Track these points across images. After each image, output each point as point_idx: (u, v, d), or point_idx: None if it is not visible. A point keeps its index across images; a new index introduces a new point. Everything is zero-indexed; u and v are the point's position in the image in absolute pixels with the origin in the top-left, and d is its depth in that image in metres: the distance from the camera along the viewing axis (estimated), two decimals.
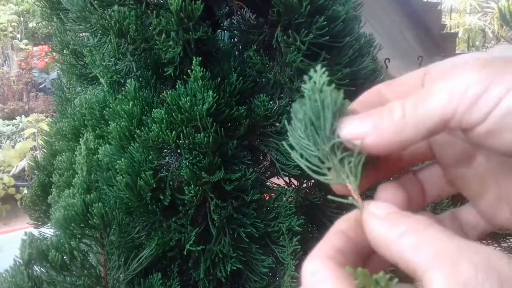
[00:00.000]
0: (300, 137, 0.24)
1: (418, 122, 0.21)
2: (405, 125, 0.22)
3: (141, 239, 0.73)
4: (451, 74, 0.21)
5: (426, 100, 0.21)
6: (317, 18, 0.71)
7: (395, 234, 0.20)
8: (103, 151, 0.71)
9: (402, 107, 0.22)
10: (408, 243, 0.20)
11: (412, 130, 0.22)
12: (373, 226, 0.22)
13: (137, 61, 0.76)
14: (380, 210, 0.22)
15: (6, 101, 4.51)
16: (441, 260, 0.18)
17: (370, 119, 0.23)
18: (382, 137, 0.22)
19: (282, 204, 0.76)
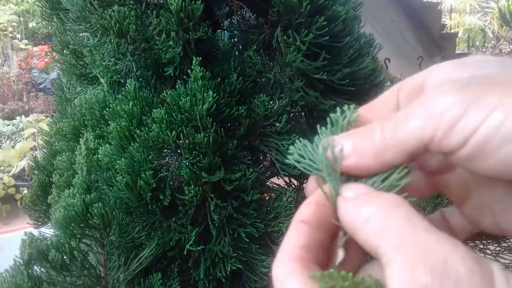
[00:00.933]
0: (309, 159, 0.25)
1: (397, 146, 0.21)
2: (385, 148, 0.22)
3: (141, 239, 0.73)
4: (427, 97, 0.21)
5: (404, 123, 0.21)
6: (317, 18, 0.71)
7: (361, 218, 0.20)
8: (103, 151, 0.71)
9: (382, 129, 0.22)
10: (372, 229, 0.20)
11: (392, 153, 0.22)
12: (343, 210, 0.22)
13: (137, 61, 0.76)
14: (351, 191, 0.22)
15: (6, 101, 4.51)
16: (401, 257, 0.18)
17: (350, 139, 0.23)
18: (362, 159, 0.22)
19: (282, 204, 0.76)
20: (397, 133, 0.21)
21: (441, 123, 0.20)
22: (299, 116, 0.84)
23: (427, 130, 0.20)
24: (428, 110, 0.21)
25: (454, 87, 0.21)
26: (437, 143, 0.20)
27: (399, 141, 0.21)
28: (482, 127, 0.19)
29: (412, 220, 0.19)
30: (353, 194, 0.22)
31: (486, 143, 0.19)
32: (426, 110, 0.21)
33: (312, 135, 0.25)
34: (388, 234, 0.19)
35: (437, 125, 0.20)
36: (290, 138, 0.75)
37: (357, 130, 0.23)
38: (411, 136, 0.21)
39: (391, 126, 0.22)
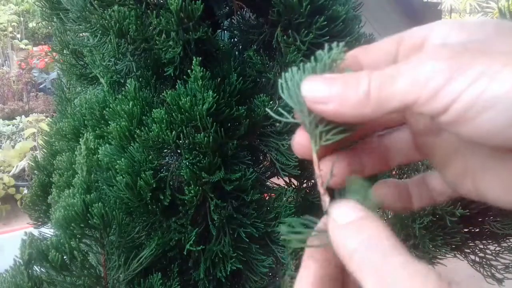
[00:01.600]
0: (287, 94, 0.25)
1: (380, 102, 0.22)
2: (367, 101, 0.22)
3: (141, 239, 0.73)
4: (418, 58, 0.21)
5: (391, 82, 0.21)
6: (317, 18, 0.71)
7: (349, 250, 0.21)
8: (103, 151, 0.71)
9: (368, 81, 0.22)
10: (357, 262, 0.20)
11: (373, 107, 0.22)
12: (335, 237, 0.22)
13: (137, 61, 0.76)
14: (342, 216, 0.22)
15: (6, 101, 4.50)
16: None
17: (335, 84, 0.23)
18: (343, 108, 0.22)
19: (282, 204, 0.76)
20: (381, 90, 0.22)
21: (426, 88, 0.20)
22: None
23: (411, 93, 0.21)
24: (415, 73, 0.21)
25: (444, 54, 0.21)
26: (419, 107, 0.21)
27: (382, 98, 0.22)
28: (464, 94, 0.20)
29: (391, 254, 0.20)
30: (344, 220, 0.22)
31: (467, 110, 0.20)
32: (413, 72, 0.21)
33: None
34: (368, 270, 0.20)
35: (421, 90, 0.20)
36: (290, 138, 0.75)
37: (343, 77, 0.23)
38: (394, 96, 0.21)
39: (378, 82, 0.22)
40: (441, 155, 0.27)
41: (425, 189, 0.29)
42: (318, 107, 0.23)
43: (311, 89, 0.23)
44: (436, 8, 4.77)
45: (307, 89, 0.23)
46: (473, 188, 0.25)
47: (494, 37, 0.22)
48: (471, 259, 0.90)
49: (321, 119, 0.24)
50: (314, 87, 0.23)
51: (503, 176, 0.23)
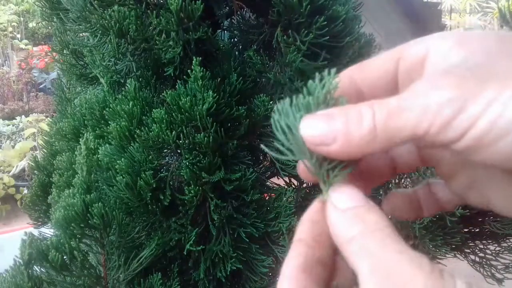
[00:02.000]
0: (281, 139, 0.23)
1: (388, 135, 0.21)
2: (374, 136, 0.21)
3: (141, 239, 0.73)
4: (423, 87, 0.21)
5: (398, 113, 0.21)
6: (317, 18, 0.71)
7: (347, 237, 0.21)
8: (103, 151, 0.71)
9: (372, 115, 0.21)
10: (354, 249, 0.20)
11: (381, 141, 0.21)
12: (333, 221, 0.22)
13: (137, 61, 0.76)
14: (342, 202, 0.22)
15: (6, 101, 4.50)
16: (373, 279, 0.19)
17: (335, 122, 0.22)
18: (348, 146, 0.21)
19: (282, 204, 0.76)
20: (389, 123, 0.21)
21: (438, 118, 0.20)
22: None
23: (422, 124, 0.20)
24: (424, 103, 0.20)
25: (451, 81, 0.20)
26: (431, 137, 0.20)
27: (391, 131, 0.21)
28: (479, 121, 0.19)
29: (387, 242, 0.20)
30: (344, 205, 0.22)
31: (483, 137, 0.19)
32: (422, 102, 0.20)
33: None
34: (365, 257, 0.20)
35: (433, 120, 0.20)
36: None
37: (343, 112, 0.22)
38: (404, 129, 0.21)
39: (383, 115, 0.21)
40: (446, 167, 0.26)
41: (433, 198, 0.29)
42: (322, 149, 0.22)
43: (311, 131, 0.22)
44: (436, 8, 4.77)
45: (307, 131, 0.22)
46: (481, 199, 0.25)
47: (496, 55, 0.21)
48: (471, 259, 0.90)
49: (323, 158, 0.23)
50: (313, 129, 0.22)
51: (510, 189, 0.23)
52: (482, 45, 0.22)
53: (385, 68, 0.25)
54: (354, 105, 0.22)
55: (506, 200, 0.24)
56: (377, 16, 4.06)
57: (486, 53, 0.21)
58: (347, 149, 0.21)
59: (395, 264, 0.19)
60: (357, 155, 0.22)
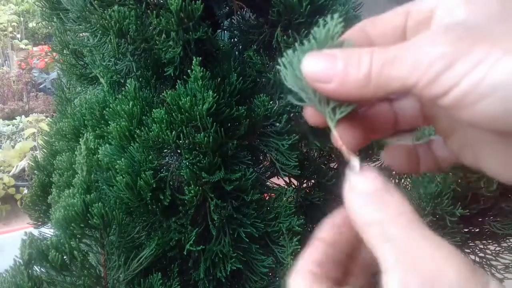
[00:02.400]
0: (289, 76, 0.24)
1: (380, 83, 0.22)
2: (368, 82, 0.22)
3: (141, 239, 0.73)
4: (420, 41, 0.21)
5: (392, 63, 0.21)
6: (317, 18, 0.71)
7: (368, 221, 0.21)
8: (103, 151, 0.71)
9: (370, 61, 0.22)
10: (376, 233, 0.20)
11: (374, 89, 0.22)
12: (351, 204, 0.22)
13: (137, 61, 0.76)
14: (362, 184, 0.22)
15: (6, 101, 4.50)
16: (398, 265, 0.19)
17: (336, 62, 0.22)
18: (344, 88, 0.22)
19: (282, 204, 0.76)
20: (383, 71, 0.21)
21: (427, 72, 0.20)
22: (299, 116, 0.84)
23: (412, 76, 0.21)
24: (417, 57, 0.21)
25: (447, 37, 0.21)
26: (419, 90, 0.21)
27: (383, 80, 0.22)
28: (463, 80, 0.20)
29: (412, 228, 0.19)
30: (364, 188, 0.22)
31: (466, 96, 0.20)
32: (415, 56, 0.21)
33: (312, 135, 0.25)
34: (389, 243, 0.19)
35: (422, 74, 0.20)
36: (290, 138, 0.75)
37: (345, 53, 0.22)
38: (394, 79, 0.21)
39: (380, 62, 0.22)
40: (444, 125, 0.27)
41: (430, 155, 0.29)
42: (320, 85, 0.23)
43: (312, 67, 0.23)
44: None
45: (308, 67, 0.23)
46: (474, 159, 0.26)
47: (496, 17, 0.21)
48: (471, 259, 0.90)
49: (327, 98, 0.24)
50: (314, 65, 0.23)
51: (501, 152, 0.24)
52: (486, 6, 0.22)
53: (394, 23, 0.26)
54: (357, 49, 0.23)
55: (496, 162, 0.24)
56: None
57: (487, 14, 0.21)
58: (342, 90, 0.22)
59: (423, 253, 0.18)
60: (352, 98, 0.23)
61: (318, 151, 0.86)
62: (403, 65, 0.21)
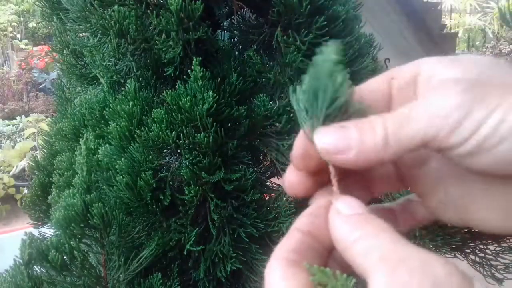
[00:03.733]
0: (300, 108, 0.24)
1: (401, 143, 0.22)
2: (387, 145, 0.22)
3: (141, 239, 0.73)
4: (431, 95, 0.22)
5: (408, 121, 0.22)
6: (317, 18, 0.71)
7: (351, 239, 0.21)
8: (103, 151, 0.71)
9: (384, 126, 0.22)
10: (360, 248, 0.20)
11: (394, 150, 0.22)
12: (335, 225, 0.22)
13: (137, 61, 0.76)
14: (346, 209, 0.22)
15: (6, 101, 4.50)
16: (383, 265, 0.19)
17: (349, 133, 0.22)
18: (363, 155, 0.22)
19: (282, 204, 0.76)
20: (400, 131, 0.22)
21: (447, 123, 0.21)
22: None
23: (432, 129, 0.21)
24: (433, 111, 0.21)
25: (458, 88, 0.21)
26: (438, 142, 0.21)
27: (403, 139, 0.22)
28: (483, 126, 0.20)
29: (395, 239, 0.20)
30: (347, 211, 0.22)
31: (485, 141, 0.20)
32: (430, 110, 0.21)
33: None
34: (373, 251, 0.20)
35: (441, 126, 0.21)
36: (290, 138, 0.75)
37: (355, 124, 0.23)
38: (414, 136, 0.21)
39: (395, 124, 0.22)
40: (422, 186, 0.27)
41: (408, 214, 0.29)
42: (338, 158, 0.23)
43: (326, 141, 0.23)
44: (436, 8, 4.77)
45: (321, 141, 0.23)
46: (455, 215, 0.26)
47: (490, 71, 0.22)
48: (471, 259, 0.90)
49: None
50: (328, 139, 0.23)
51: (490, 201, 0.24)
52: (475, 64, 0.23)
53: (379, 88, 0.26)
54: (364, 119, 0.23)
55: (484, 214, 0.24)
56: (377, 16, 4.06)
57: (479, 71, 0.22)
58: (362, 156, 0.22)
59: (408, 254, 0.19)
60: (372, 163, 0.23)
61: None
62: (420, 121, 0.21)
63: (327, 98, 0.23)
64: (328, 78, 0.23)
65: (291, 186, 0.27)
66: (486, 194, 0.24)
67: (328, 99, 0.23)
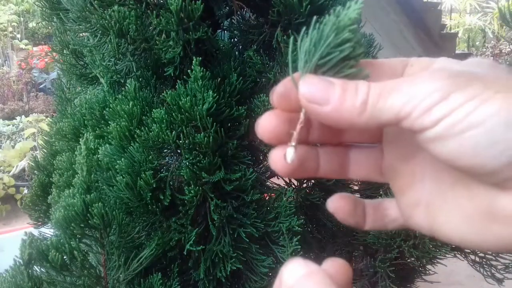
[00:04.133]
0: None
1: (375, 112, 0.22)
2: (363, 110, 0.23)
3: (141, 239, 0.73)
4: (419, 77, 0.22)
5: (388, 95, 0.22)
6: (317, 18, 0.71)
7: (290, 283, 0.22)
8: (103, 151, 0.71)
9: (367, 90, 0.23)
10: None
11: (368, 117, 0.23)
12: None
13: (137, 61, 0.76)
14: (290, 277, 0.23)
15: (6, 101, 4.50)
16: None
17: (334, 89, 0.23)
18: (338, 113, 0.23)
19: (282, 204, 0.76)
20: (379, 101, 0.22)
21: (421, 104, 0.21)
22: None
23: (406, 108, 0.22)
24: (413, 89, 0.22)
25: (444, 74, 0.22)
26: (410, 121, 0.22)
27: (377, 110, 0.22)
28: (455, 112, 0.21)
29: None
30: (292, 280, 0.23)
31: (454, 126, 0.21)
32: (411, 88, 0.22)
33: None
34: None
35: (416, 105, 0.21)
36: None
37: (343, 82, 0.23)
38: (389, 109, 0.22)
39: (376, 93, 0.22)
40: (401, 180, 0.28)
41: (379, 214, 0.30)
42: (315, 107, 0.23)
43: (309, 89, 0.23)
44: (436, 8, 4.76)
45: (305, 88, 0.24)
46: (425, 220, 0.26)
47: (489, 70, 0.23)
48: (471, 259, 0.90)
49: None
50: (311, 87, 0.23)
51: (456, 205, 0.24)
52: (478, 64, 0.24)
53: (394, 68, 0.27)
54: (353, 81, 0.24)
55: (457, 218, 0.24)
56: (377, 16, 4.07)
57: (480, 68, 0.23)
58: (336, 115, 0.23)
59: None
60: (343, 124, 0.23)
61: None
62: (399, 97, 0.22)
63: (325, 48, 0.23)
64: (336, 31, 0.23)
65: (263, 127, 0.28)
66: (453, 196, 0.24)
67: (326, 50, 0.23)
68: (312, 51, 0.24)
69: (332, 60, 0.23)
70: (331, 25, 0.24)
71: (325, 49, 0.23)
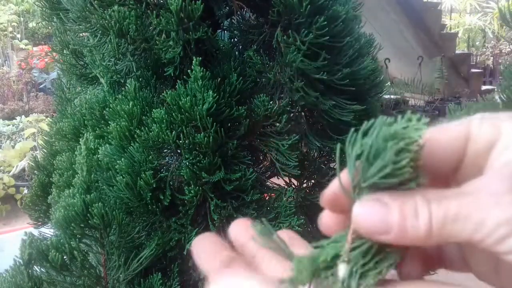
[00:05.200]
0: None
1: (442, 237, 0.21)
2: (430, 235, 0.21)
3: (141, 239, 0.73)
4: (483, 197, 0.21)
5: (454, 221, 0.21)
6: (317, 18, 0.71)
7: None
8: (103, 151, 0.71)
9: (429, 215, 0.21)
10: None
11: (434, 241, 0.22)
12: None
13: (137, 61, 0.76)
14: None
15: (6, 101, 4.50)
16: None
17: (392, 215, 0.21)
18: (402, 240, 0.22)
19: (282, 204, 0.76)
20: (445, 227, 0.21)
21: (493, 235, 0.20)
22: (299, 116, 0.84)
23: (477, 235, 0.21)
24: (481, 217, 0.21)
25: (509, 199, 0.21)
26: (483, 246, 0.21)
27: (445, 235, 0.21)
28: None
29: None
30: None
31: None
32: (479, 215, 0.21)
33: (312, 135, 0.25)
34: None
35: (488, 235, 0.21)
36: (290, 138, 0.75)
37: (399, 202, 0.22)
38: (459, 235, 0.21)
39: (440, 217, 0.21)
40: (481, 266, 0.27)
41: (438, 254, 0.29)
42: (378, 237, 0.22)
43: (366, 219, 0.22)
44: (436, 8, 4.77)
45: (361, 219, 0.22)
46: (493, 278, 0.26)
47: None
48: None
49: None
50: (368, 216, 0.22)
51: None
52: None
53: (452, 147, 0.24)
54: (409, 197, 0.22)
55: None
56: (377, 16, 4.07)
57: None
58: (401, 240, 0.22)
59: None
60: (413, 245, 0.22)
61: (318, 151, 0.86)
62: (467, 225, 0.21)
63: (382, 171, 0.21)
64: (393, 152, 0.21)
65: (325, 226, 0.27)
66: None
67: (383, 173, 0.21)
68: (366, 167, 0.22)
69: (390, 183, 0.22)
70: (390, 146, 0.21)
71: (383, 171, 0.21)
